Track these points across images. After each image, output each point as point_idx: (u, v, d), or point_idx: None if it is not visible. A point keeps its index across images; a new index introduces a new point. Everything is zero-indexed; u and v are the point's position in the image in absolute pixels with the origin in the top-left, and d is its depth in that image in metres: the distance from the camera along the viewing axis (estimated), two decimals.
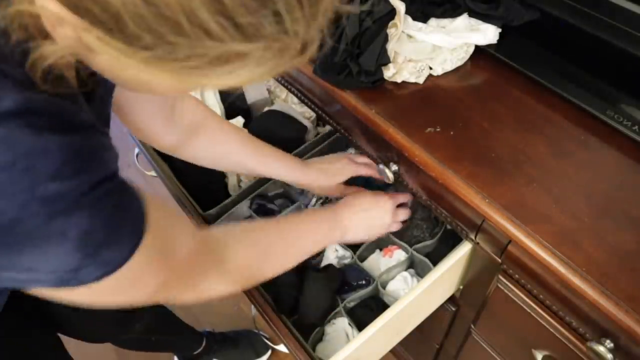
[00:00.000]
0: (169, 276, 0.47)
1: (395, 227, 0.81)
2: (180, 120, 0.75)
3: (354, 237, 0.77)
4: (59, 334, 0.86)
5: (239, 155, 0.80)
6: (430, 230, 0.86)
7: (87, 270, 0.36)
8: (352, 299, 0.85)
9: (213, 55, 0.30)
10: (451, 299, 0.83)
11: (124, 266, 0.39)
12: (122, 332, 1.03)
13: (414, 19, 0.75)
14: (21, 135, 0.30)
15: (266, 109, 1.09)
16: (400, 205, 0.82)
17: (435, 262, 0.80)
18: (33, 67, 0.32)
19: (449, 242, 0.82)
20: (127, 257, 0.39)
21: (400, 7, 0.72)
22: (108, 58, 0.31)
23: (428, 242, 0.84)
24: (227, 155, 0.81)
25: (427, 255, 0.83)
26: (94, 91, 0.46)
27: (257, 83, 0.30)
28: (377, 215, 0.78)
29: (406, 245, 0.84)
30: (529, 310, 0.65)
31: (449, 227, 0.74)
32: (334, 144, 1.01)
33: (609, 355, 0.54)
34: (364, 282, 0.87)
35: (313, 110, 0.85)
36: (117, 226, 0.37)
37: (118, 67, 0.33)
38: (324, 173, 0.84)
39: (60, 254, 0.34)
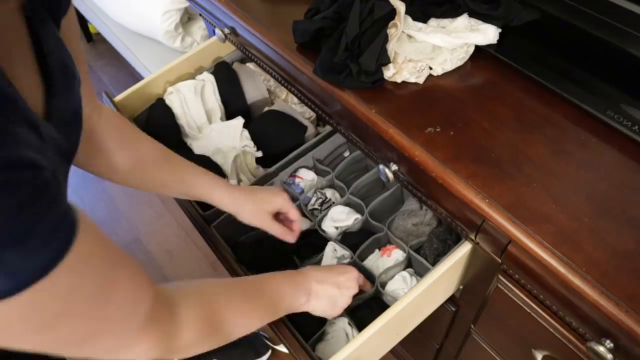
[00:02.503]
0: (94, 325, 0.40)
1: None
2: (102, 136, 0.68)
3: (314, 307, 0.72)
4: None
5: (155, 170, 0.75)
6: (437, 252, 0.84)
7: None
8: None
9: None
10: (451, 299, 0.83)
11: (39, 283, 0.32)
12: None
13: (414, 19, 0.75)
14: None
15: (266, 109, 1.10)
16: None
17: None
18: None
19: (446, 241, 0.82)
20: (38, 273, 0.32)
21: (400, 7, 0.72)
22: None
23: (423, 239, 0.84)
24: (145, 173, 0.74)
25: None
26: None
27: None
28: (344, 295, 0.73)
29: (404, 245, 0.84)
30: (529, 310, 0.65)
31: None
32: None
33: (609, 355, 0.54)
34: None
35: (313, 110, 0.85)
36: (29, 225, 0.31)
37: None
38: (252, 198, 0.80)
39: None
